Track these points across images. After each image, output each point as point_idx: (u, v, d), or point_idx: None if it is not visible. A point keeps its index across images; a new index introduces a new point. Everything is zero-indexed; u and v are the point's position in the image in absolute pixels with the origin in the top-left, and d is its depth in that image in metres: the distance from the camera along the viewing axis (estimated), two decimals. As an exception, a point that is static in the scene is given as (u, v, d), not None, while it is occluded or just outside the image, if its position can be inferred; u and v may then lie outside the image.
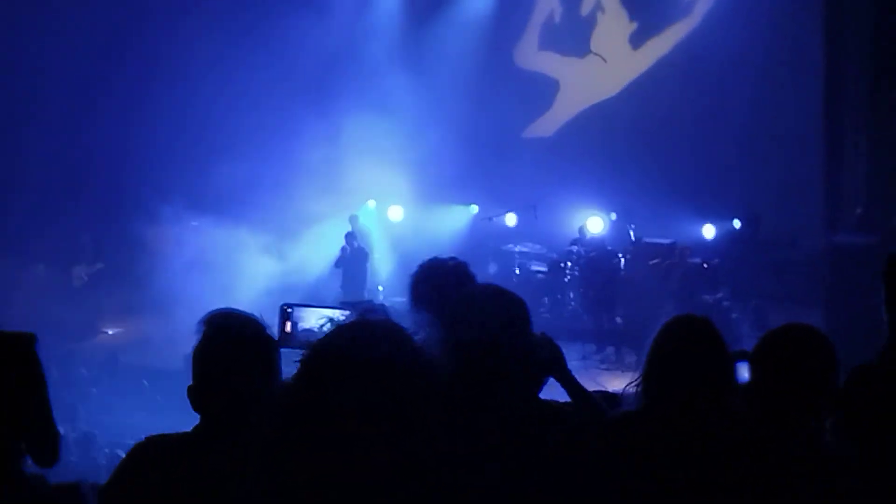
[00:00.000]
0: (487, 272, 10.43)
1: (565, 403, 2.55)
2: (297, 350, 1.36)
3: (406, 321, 1.41)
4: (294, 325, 2.82)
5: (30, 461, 2.66)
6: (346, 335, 1.25)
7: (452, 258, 2.90)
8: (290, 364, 1.63)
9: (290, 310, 2.85)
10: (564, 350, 2.54)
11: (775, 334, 2.35)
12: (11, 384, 2.72)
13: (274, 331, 2.32)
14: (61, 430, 2.88)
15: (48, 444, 2.72)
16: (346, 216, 11.66)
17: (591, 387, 2.92)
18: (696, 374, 2.36)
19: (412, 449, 1.18)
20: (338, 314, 2.20)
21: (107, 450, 7.27)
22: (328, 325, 1.37)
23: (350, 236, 11.27)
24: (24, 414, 2.73)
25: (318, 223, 11.91)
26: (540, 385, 2.55)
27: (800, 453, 2.21)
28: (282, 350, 2.22)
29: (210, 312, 2.19)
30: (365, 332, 1.24)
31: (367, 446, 1.15)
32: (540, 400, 2.40)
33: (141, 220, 11.80)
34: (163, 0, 12.02)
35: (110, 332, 11.85)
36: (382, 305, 2.63)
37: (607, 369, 9.26)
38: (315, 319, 2.81)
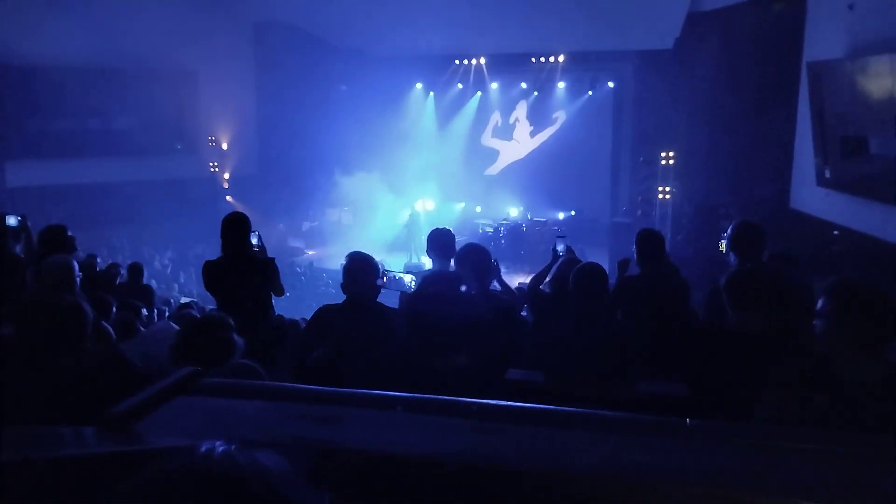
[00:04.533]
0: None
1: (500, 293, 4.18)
2: (391, 289, 3.82)
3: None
4: (388, 276, 4.16)
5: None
6: (431, 279, 2.30)
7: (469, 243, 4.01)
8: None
9: (387, 271, 4.15)
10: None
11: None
12: (276, 276, 4.82)
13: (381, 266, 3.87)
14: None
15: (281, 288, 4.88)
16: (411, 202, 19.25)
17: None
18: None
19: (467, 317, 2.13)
20: (408, 278, 4.09)
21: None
22: (408, 276, 3.86)
23: (414, 215, 18.62)
24: (275, 285, 4.87)
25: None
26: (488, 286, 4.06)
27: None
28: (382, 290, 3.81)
29: (354, 251, 3.87)
30: (441, 276, 2.41)
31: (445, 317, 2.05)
32: (493, 292, 3.92)
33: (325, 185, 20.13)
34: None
35: (309, 252, 20.22)
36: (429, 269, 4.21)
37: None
38: (396, 276, 4.22)
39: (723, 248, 4.41)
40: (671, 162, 16.64)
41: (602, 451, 1.31)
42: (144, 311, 6.40)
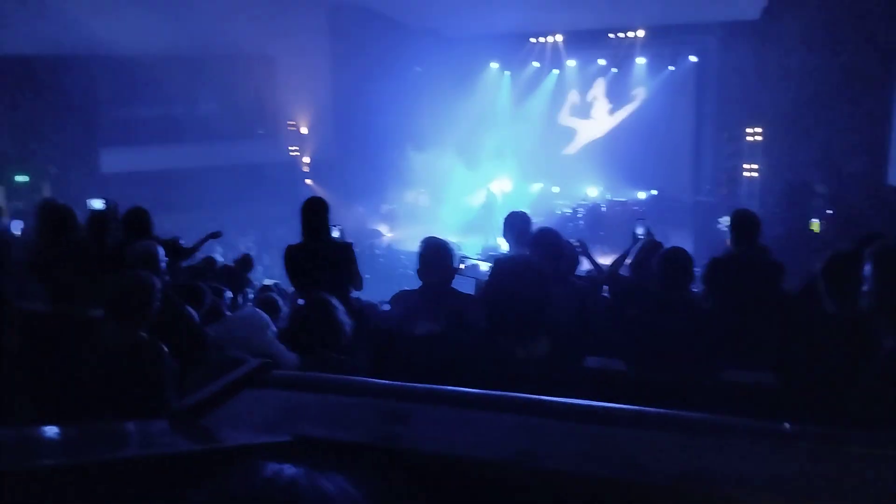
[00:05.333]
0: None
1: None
2: (468, 276, 4.03)
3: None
4: (465, 263, 4.47)
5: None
6: (505, 264, 2.26)
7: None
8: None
9: (464, 258, 4.37)
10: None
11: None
12: (354, 262, 4.90)
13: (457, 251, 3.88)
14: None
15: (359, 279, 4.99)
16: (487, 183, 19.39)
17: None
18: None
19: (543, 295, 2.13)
20: (484, 266, 4.23)
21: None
22: (485, 264, 4.13)
23: (490, 196, 18.85)
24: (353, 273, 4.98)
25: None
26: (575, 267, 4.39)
27: None
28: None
29: (428, 236, 3.82)
30: (515, 261, 2.27)
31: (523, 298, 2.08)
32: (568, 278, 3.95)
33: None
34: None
35: (388, 235, 20.29)
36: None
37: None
38: (473, 264, 4.51)
39: (814, 227, 4.17)
40: (758, 138, 15.98)
41: (687, 456, 1.21)
42: (229, 294, 6.53)
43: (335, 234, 5.11)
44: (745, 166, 16.09)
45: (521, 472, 1.13)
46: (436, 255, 3.64)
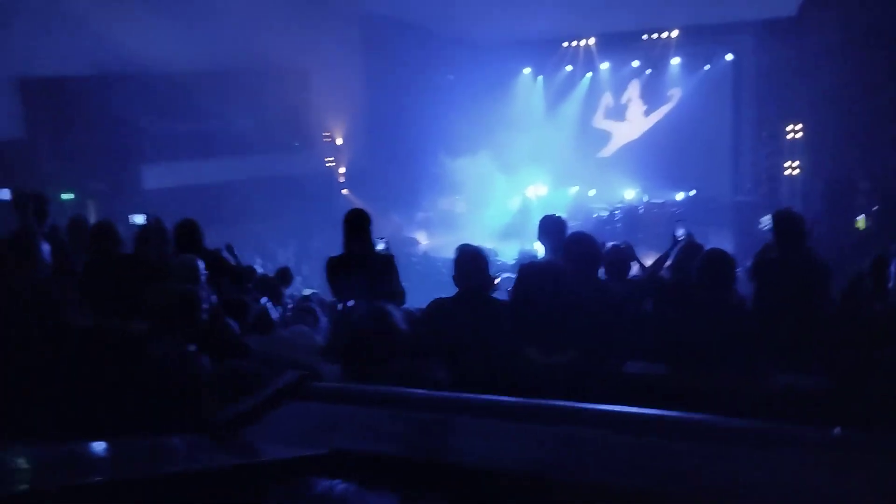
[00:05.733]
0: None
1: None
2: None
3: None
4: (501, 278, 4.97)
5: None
6: (528, 271, 2.25)
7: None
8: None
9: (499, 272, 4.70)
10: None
11: None
12: (395, 273, 4.93)
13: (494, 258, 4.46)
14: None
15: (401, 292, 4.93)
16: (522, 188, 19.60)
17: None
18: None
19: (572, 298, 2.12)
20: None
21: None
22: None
23: (525, 201, 19.34)
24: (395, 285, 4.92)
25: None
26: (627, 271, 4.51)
27: None
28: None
29: (464, 244, 3.80)
30: (539, 268, 2.28)
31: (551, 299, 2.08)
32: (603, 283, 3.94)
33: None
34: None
35: (424, 242, 20.32)
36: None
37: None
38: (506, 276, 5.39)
39: (859, 224, 4.06)
40: (798, 135, 15.66)
41: (732, 467, 1.17)
42: (269, 305, 6.54)
43: (380, 246, 5.09)
44: (786, 164, 15.77)
45: (561, 484, 1.10)
46: (472, 262, 3.62)
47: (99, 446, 1.17)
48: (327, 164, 21.69)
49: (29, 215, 5.04)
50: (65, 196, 16.06)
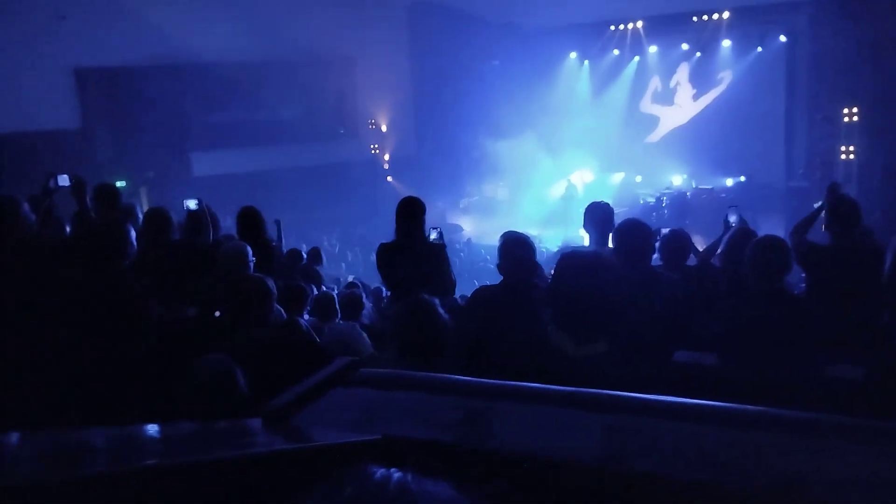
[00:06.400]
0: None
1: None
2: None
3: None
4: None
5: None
6: (568, 259, 2.14)
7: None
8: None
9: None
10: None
11: None
12: (446, 262, 4.95)
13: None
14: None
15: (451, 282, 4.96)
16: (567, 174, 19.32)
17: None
18: None
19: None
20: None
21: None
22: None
23: (570, 188, 18.91)
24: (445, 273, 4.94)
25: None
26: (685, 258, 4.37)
27: None
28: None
29: (508, 230, 3.77)
30: (579, 256, 2.15)
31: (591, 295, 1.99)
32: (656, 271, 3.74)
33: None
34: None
35: (467, 229, 19.97)
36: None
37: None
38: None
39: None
40: (855, 119, 15.18)
41: (787, 458, 1.14)
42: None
43: (433, 235, 5.10)
44: (842, 148, 15.30)
45: (611, 474, 1.10)
46: (517, 249, 3.60)
47: (152, 429, 1.20)
48: (372, 152, 21.77)
49: (85, 202, 5.16)
50: (118, 184, 16.43)
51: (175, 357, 2.69)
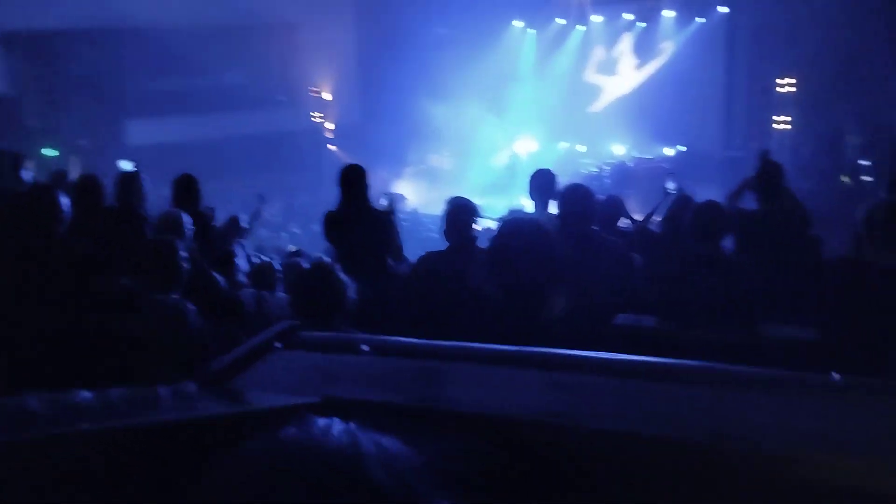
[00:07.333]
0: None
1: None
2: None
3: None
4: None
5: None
6: (509, 226, 2.27)
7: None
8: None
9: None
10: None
11: None
12: (394, 230, 5.07)
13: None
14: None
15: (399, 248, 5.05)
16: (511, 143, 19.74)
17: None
18: None
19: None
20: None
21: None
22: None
23: (514, 157, 19.39)
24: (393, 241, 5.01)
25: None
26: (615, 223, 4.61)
27: None
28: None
29: (454, 196, 4.00)
30: (520, 222, 2.39)
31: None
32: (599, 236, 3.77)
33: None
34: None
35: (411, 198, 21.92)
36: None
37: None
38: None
39: (845, 178, 4.10)
40: (790, 89, 15.55)
41: (721, 411, 1.15)
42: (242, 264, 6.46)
43: (383, 202, 5.10)
44: (776, 118, 15.69)
45: (559, 431, 1.09)
46: (460, 214, 3.60)
47: (84, 395, 1.15)
48: (314, 120, 21.41)
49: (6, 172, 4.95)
50: (48, 152, 15.85)
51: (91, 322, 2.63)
